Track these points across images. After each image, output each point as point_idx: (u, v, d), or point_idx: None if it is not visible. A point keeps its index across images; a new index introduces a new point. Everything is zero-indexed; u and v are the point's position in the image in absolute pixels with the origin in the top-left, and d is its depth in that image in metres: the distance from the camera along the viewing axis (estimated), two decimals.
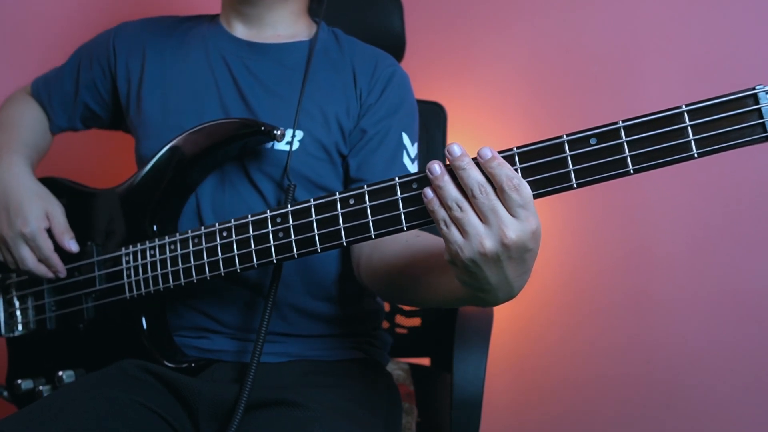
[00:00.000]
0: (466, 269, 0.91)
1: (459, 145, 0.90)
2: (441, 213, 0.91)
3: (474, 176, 0.88)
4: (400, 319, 1.79)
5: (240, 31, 1.40)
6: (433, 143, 1.72)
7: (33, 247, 1.32)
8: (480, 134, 2.05)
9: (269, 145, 1.28)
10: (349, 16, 1.65)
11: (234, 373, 1.26)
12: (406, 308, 1.78)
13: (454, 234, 0.90)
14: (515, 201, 0.87)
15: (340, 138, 1.33)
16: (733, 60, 1.90)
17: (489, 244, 0.88)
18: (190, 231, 1.20)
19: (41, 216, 1.32)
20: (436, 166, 0.90)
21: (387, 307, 1.76)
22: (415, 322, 1.79)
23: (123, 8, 2.07)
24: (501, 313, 1.79)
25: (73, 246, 1.34)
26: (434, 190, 0.91)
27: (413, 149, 1.36)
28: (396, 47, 1.67)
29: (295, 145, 1.29)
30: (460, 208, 0.89)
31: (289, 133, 1.29)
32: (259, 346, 1.17)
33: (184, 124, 1.28)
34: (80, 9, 2.09)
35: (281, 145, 1.28)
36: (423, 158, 1.53)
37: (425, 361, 1.83)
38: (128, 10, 2.06)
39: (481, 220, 0.88)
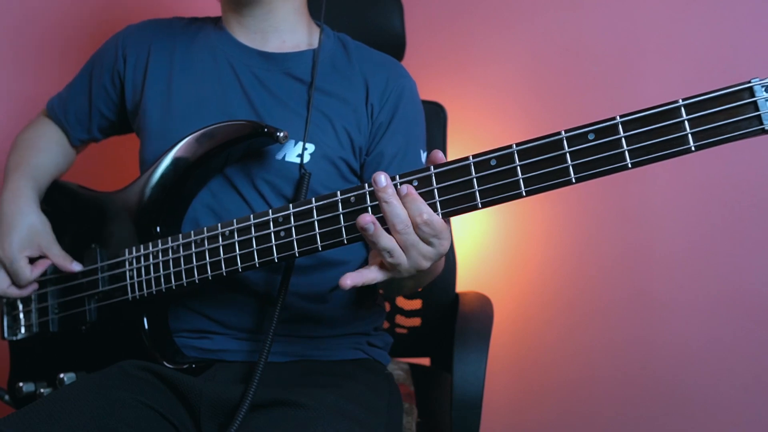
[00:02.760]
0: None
1: (387, 176, 0.97)
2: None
3: (397, 212, 0.97)
4: (400, 319, 1.79)
5: (245, 38, 1.39)
6: (433, 143, 1.72)
7: (11, 272, 1.35)
8: (480, 134, 2.05)
9: (280, 156, 1.28)
10: (349, 16, 1.65)
11: (235, 373, 1.26)
12: (407, 308, 1.78)
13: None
14: (428, 233, 0.97)
15: (350, 152, 1.33)
16: (732, 59, 1.91)
17: (404, 269, 1.01)
18: (192, 233, 1.20)
19: (26, 245, 1.34)
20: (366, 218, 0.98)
21: (387, 306, 1.76)
22: (415, 322, 1.79)
23: (124, 9, 2.08)
24: (501, 313, 1.79)
25: (76, 267, 1.35)
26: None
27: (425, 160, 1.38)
28: (396, 47, 1.67)
29: (306, 158, 1.29)
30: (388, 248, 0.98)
31: (299, 146, 1.29)
32: (267, 347, 1.18)
33: (187, 129, 1.28)
34: (81, 10, 2.10)
35: (292, 158, 1.28)
36: None
37: (425, 361, 1.83)
38: (129, 10, 2.06)
39: (402, 249, 0.99)
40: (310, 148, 1.29)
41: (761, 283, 1.92)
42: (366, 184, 1.02)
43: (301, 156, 1.28)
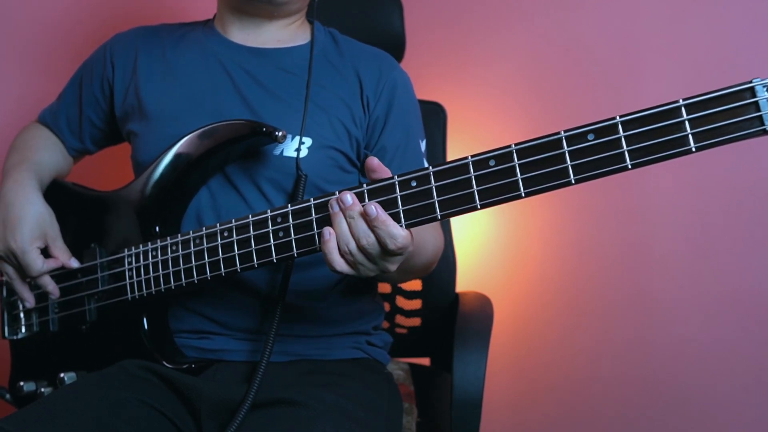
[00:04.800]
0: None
1: (352, 194, 1.01)
2: (333, 248, 1.03)
3: (362, 228, 1.00)
4: (400, 319, 1.79)
5: (237, 35, 1.39)
6: (433, 143, 1.72)
7: (22, 264, 1.32)
8: (480, 134, 2.05)
9: (278, 151, 1.28)
10: (349, 16, 1.65)
11: (235, 372, 1.26)
12: (407, 308, 1.78)
13: (345, 268, 1.04)
14: (397, 253, 1.00)
15: (348, 144, 1.33)
16: (733, 59, 1.91)
17: (372, 274, 1.05)
18: (191, 232, 1.20)
19: (36, 236, 1.33)
20: (335, 204, 1.02)
21: (387, 306, 1.76)
22: (415, 322, 1.79)
23: (123, 10, 2.08)
24: (501, 313, 1.79)
25: (74, 264, 1.34)
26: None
27: (424, 149, 1.39)
28: (396, 47, 1.66)
29: (304, 152, 1.29)
30: (350, 251, 1.01)
31: (297, 140, 1.28)
32: (269, 347, 1.18)
33: (183, 129, 1.28)
34: (81, 9, 2.10)
35: (290, 152, 1.28)
36: None
37: (425, 361, 1.83)
38: (128, 12, 2.06)
39: (369, 261, 1.02)
40: (308, 141, 1.29)
41: (761, 283, 1.92)
42: (364, 184, 1.02)
43: (298, 151, 1.28)
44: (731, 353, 1.95)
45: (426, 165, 1.35)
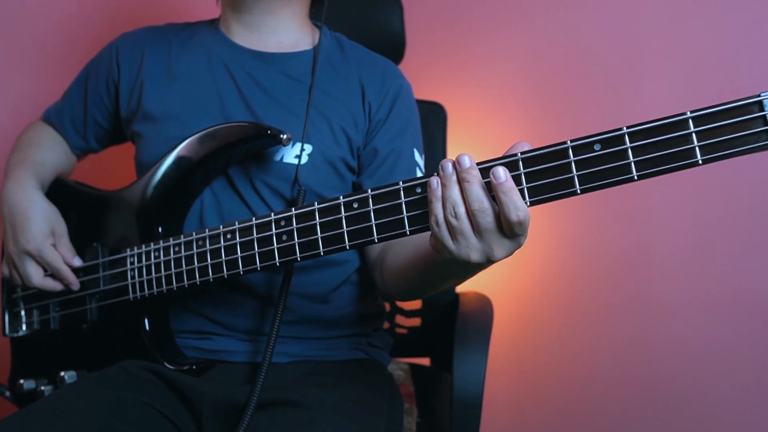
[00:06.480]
0: (449, 261, 0.94)
1: (470, 156, 0.90)
2: (438, 208, 0.92)
3: (476, 192, 0.89)
4: (400, 319, 1.79)
5: (241, 38, 1.39)
6: (433, 143, 1.72)
7: (41, 263, 1.33)
8: (480, 134, 2.05)
9: (278, 158, 1.28)
10: (349, 16, 1.64)
11: (237, 373, 1.26)
12: (406, 308, 1.79)
13: (444, 235, 0.92)
14: (515, 229, 0.89)
15: (348, 151, 1.33)
16: (734, 60, 1.91)
17: (475, 257, 0.91)
18: (194, 233, 1.20)
19: (47, 233, 1.33)
20: (449, 165, 0.91)
21: (387, 307, 1.76)
22: (415, 322, 1.79)
23: (124, 10, 2.07)
24: (501, 313, 1.79)
25: (77, 262, 1.34)
26: (441, 187, 0.92)
27: (422, 162, 1.38)
28: (396, 47, 1.66)
29: (304, 159, 1.29)
30: (456, 214, 0.90)
31: (297, 146, 1.28)
32: (270, 348, 1.18)
33: (186, 132, 1.28)
34: (83, 9, 2.09)
35: (290, 159, 1.28)
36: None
37: (425, 361, 1.83)
38: (128, 11, 2.06)
39: (475, 233, 0.90)
40: (308, 148, 1.29)
41: (761, 283, 1.93)
42: (369, 189, 1.02)
43: (298, 158, 1.28)
44: (731, 353, 1.95)
45: (418, 174, 1.35)
